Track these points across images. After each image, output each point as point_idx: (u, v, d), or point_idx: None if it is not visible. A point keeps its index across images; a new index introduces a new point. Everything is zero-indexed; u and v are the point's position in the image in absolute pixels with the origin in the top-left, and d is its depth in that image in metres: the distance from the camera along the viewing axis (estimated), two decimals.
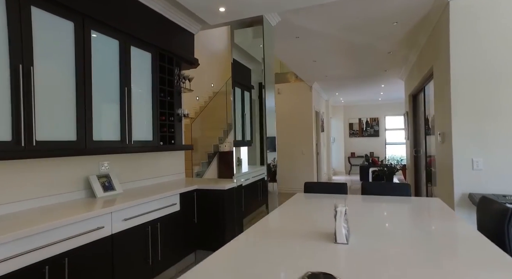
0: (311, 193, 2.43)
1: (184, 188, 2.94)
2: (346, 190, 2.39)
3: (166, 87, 3.14)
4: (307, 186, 2.49)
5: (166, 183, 3.31)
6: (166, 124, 3.14)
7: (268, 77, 3.81)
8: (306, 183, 2.50)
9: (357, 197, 2.26)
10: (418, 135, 6.20)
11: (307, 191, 2.47)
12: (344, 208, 1.19)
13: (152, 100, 2.94)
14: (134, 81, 2.70)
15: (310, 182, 2.51)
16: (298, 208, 2.00)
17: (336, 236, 1.20)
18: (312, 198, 2.26)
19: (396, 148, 11.72)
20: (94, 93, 2.30)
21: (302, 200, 2.21)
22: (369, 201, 2.10)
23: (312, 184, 2.49)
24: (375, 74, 6.81)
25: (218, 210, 3.10)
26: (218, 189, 3.10)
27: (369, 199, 2.17)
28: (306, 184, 2.50)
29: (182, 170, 3.85)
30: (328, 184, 2.48)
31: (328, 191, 2.41)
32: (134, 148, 2.66)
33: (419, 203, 2.05)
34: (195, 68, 3.84)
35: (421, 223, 1.55)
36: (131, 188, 2.93)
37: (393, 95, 9.98)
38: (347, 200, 2.17)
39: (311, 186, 2.48)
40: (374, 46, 4.73)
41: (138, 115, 2.75)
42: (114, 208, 2.12)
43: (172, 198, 2.80)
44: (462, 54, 2.91)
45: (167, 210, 2.71)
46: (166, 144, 3.13)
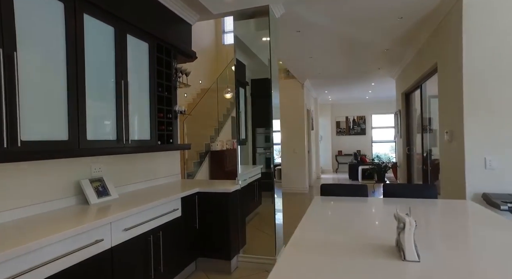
0: (329, 196, 2.26)
1: (185, 191, 2.69)
2: (366, 192, 2.23)
3: (163, 82, 2.87)
4: (324, 188, 2.31)
5: (163, 186, 3.04)
6: (164, 122, 2.87)
7: (274, 73, 3.61)
8: (323, 185, 2.33)
9: (386, 200, 2.11)
10: (411, 133, 6.21)
11: (324, 193, 2.30)
12: (412, 219, 1.02)
13: (149, 96, 2.66)
14: (131, 74, 2.42)
15: (327, 184, 2.33)
16: (331, 214, 1.81)
17: (404, 253, 1.02)
18: (338, 202, 2.08)
19: (381, 145, 11.86)
20: (88, 86, 2.01)
21: (328, 205, 2.03)
22: (405, 205, 1.95)
23: (329, 186, 2.32)
24: (368, 72, 6.76)
25: (222, 214, 2.87)
26: (222, 192, 2.87)
27: (400, 202, 2.02)
28: (323, 186, 2.32)
29: (178, 171, 3.58)
30: (346, 186, 2.32)
31: (347, 193, 2.25)
32: (131, 148, 2.38)
33: (457, 206, 1.92)
34: (192, 61, 3.58)
35: (485, 231, 1.40)
36: (126, 193, 2.65)
37: (381, 94, 10.04)
38: (380, 203, 2.01)
39: (328, 188, 2.31)
40: (373, 43, 4.64)
41: (135, 112, 2.47)
42: (114, 217, 1.86)
43: (174, 203, 2.54)
44: (475, 50, 2.82)
45: (169, 216, 2.46)
46: (164, 143, 2.86)
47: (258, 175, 5.56)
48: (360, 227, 1.55)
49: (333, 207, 1.97)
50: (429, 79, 4.59)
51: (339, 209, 1.94)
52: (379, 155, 11.50)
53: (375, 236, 1.33)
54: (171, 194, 2.58)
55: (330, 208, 1.96)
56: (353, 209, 1.92)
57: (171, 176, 3.41)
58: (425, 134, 5.02)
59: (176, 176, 3.52)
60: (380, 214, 1.81)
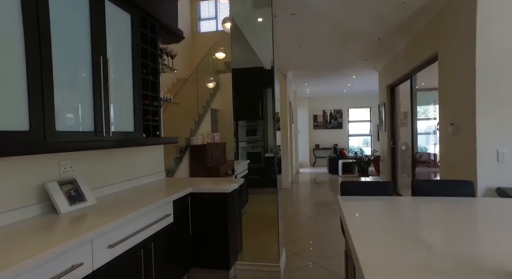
0: (352, 195, 1.97)
1: (177, 192, 2.27)
2: (391, 189, 1.96)
3: (148, 63, 2.40)
4: (344, 187, 2.02)
5: (148, 187, 2.59)
6: (149, 111, 2.41)
7: (276, 58, 3.26)
8: (343, 184, 2.03)
9: (425, 200, 1.85)
10: (395, 126, 6.16)
11: (346, 192, 2.00)
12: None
13: (133, 78, 2.19)
14: (111, 50, 1.94)
15: (347, 182, 2.04)
16: (385, 220, 1.50)
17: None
18: (374, 203, 1.79)
19: (358, 139, 11.97)
20: (55, 62, 1.52)
21: (369, 207, 1.73)
22: (459, 206, 1.70)
23: (350, 184, 2.03)
24: (353, 63, 6.61)
25: (220, 217, 2.49)
26: (219, 192, 2.48)
27: (445, 202, 1.76)
28: (343, 184, 2.03)
29: (162, 168, 3.13)
30: (368, 184, 2.04)
31: (371, 192, 1.97)
32: (112, 142, 1.92)
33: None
34: (178, 42, 3.12)
35: None
36: (106, 196, 2.17)
37: (359, 88, 10.05)
38: (426, 204, 1.75)
39: (350, 186, 2.01)
40: (367, 31, 4.42)
41: (116, 97, 2.00)
42: (96, 232, 1.42)
43: (166, 208, 2.12)
44: (491, 37, 2.66)
45: (161, 224, 2.04)
46: (149, 136, 2.41)
47: (245, 171, 5.21)
48: (438, 236, 1.25)
49: (378, 210, 1.67)
50: (423, 71, 4.48)
51: (388, 211, 1.64)
52: (353, 149, 11.61)
53: (475, 254, 1.03)
54: (160, 196, 2.16)
55: (375, 210, 1.66)
56: (405, 211, 1.64)
57: (156, 174, 2.95)
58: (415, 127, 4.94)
59: (161, 174, 3.07)
60: (449, 219, 1.53)
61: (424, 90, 5.01)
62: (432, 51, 3.68)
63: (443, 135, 3.48)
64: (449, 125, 3.22)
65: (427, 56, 3.86)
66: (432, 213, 1.60)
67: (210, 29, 8.68)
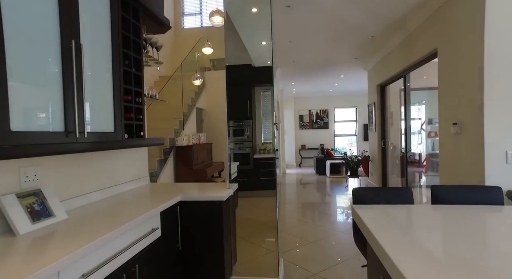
0: (367, 204, 1.74)
1: (164, 202, 1.97)
2: (409, 196, 1.75)
3: (131, 53, 2.08)
4: (357, 194, 1.79)
5: (131, 195, 2.27)
6: (132, 108, 2.09)
7: (274, 53, 3.01)
8: (356, 191, 1.80)
9: (459, 209, 1.64)
10: (386, 126, 6.07)
11: (358, 200, 1.77)
12: None
13: (113, 70, 1.87)
14: (85, 34, 1.62)
15: (360, 189, 1.81)
16: (429, 235, 1.27)
17: None
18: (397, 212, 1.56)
19: (344, 139, 11.94)
20: (8, 46, 1.20)
21: (400, 218, 1.49)
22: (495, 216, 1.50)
23: (363, 191, 1.80)
24: (343, 62, 6.47)
25: (214, 229, 2.20)
26: (213, 200, 2.19)
27: (477, 211, 1.56)
28: (357, 192, 1.80)
29: (146, 173, 2.81)
30: (383, 190, 1.82)
31: (387, 199, 1.75)
32: (88, 144, 1.60)
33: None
34: (164, 33, 2.80)
35: None
36: (79, 208, 1.84)
37: (346, 87, 9.99)
38: (457, 214, 1.54)
39: (363, 194, 1.79)
40: (362, 26, 4.26)
41: (93, 91, 1.68)
42: (64, 261, 1.11)
43: (153, 221, 1.82)
44: (500, 30, 2.52)
45: (147, 240, 1.73)
46: (132, 137, 2.09)
47: (235, 174, 4.93)
48: (493, 254, 1.03)
49: (408, 222, 1.45)
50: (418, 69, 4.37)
51: (420, 224, 1.42)
52: (339, 149, 11.57)
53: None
54: (145, 206, 1.85)
55: (405, 223, 1.43)
56: (439, 223, 1.42)
57: (139, 180, 2.62)
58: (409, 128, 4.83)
59: (144, 179, 2.74)
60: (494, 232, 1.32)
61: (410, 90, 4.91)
62: (431, 47, 3.55)
63: (443, 136, 3.34)
64: (451, 125, 3.08)
65: (425, 53, 3.73)
66: (467, 224, 1.39)
67: (194, 25, 8.33)
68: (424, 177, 7.16)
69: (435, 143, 7.94)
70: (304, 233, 3.87)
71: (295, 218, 4.64)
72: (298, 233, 3.91)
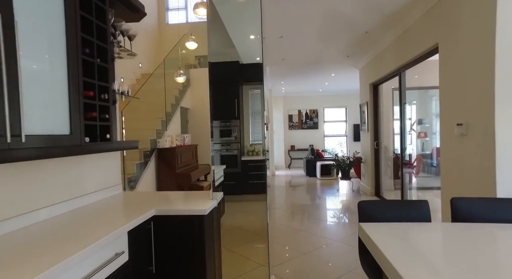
0: (375, 219, 1.45)
1: (134, 218, 1.64)
2: (427, 211, 1.48)
3: (94, 40, 1.74)
4: (364, 208, 1.50)
5: (95, 208, 1.92)
6: (95, 106, 1.75)
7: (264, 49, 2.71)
8: (363, 205, 1.52)
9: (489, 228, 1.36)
10: (379, 127, 5.87)
11: (366, 216, 1.49)
12: None
13: (67, 58, 1.53)
14: (22, 9, 1.27)
15: (367, 202, 1.53)
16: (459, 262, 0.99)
17: None
18: (421, 232, 1.28)
19: (334, 140, 11.77)
20: None
21: (421, 241, 1.21)
22: None
23: (371, 205, 1.52)
24: (334, 60, 6.24)
25: (195, 248, 1.88)
26: (193, 215, 1.87)
27: None
28: (363, 205, 1.51)
29: (118, 180, 2.46)
30: (396, 203, 1.55)
31: (400, 214, 1.47)
32: (27, 151, 1.26)
33: None
34: (138, 21, 2.47)
35: None
36: (20, 230, 1.49)
37: (337, 87, 9.80)
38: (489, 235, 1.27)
39: (370, 208, 1.50)
40: (355, 21, 4.01)
41: (34, 84, 1.34)
42: None
43: (117, 243, 1.49)
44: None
45: (110, 268, 1.40)
46: (96, 141, 1.75)
47: (221, 178, 4.61)
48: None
49: (431, 245, 1.17)
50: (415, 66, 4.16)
51: (447, 248, 1.14)
52: (329, 150, 11.39)
53: None
54: (108, 223, 1.53)
55: (428, 247, 1.15)
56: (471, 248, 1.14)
57: (108, 189, 2.27)
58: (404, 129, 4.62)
59: (116, 188, 2.39)
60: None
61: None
62: (431, 43, 3.32)
63: (445, 138, 3.12)
64: (455, 126, 2.85)
65: (424, 49, 3.51)
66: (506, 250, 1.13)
67: (179, 21, 7.95)
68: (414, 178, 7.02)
69: (424, 144, 7.85)
70: (296, 243, 3.59)
71: (286, 225, 4.35)
72: (290, 242, 3.63)
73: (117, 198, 2.26)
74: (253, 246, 3.53)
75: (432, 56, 3.48)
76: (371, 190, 5.99)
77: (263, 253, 3.16)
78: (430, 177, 7.89)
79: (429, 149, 8.02)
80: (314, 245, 3.48)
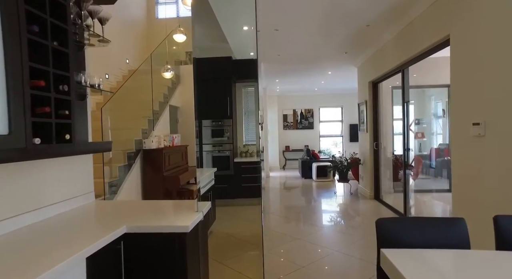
0: (399, 243, 1.15)
1: (97, 239, 1.31)
2: (465, 232, 1.18)
3: (47, 17, 1.40)
4: (384, 227, 1.20)
5: (55, 223, 1.58)
6: (49, 100, 1.41)
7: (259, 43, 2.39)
8: (381, 223, 1.21)
9: None
10: (379, 127, 5.60)
11: (386, 239, 1.18)
12: None
13: (3, 36, 1.18)
14: None
15: (387, 221, 1.22)
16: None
17: None
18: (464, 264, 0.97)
19: (329, 140, 11.51)
20: None
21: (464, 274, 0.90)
22: None
23: (393, 224, 1.22)
24: (331, 57, 5.95)
25: (174, 271, 1.55)
26: (173, 232, 1.54)
27: None
28: (382, 225, 1.21)
29: (89, 188, 2.11)
30: (423, 221, 1.24)
31: (431, 236, 1.17)
32: None
33: None
34: (112, 3, 2.13)
35: None
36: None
37: (333, 85, 9.54)
38: None
39: (392, 229, 1.20)
40: (357, 13, 3.72)
41: None
42: None
43: (71, 274, 1.15)
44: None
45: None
46: (50, 142, 1.41)
47: (212, 182, 4.27)
48: None
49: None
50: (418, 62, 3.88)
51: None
52: (324, 150, 11.13)
53: None
54: (64, 249, 1.19)
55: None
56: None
57: (76, 199, 1.93)
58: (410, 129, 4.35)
59: (86, 197, 2.05)
60: None
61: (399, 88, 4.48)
62: (441, 35, 3.04)
63: (457, 139, 2.84)
64: (470, 126, 2.57)
65: (432, 42, 3.22)
66: None
67: (169, 15, 7.58)
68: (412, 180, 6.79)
69: (422, 144, 7.63)
70: (293, 253, 3.28)
71: (281, 232, 4.04)
72: (286, 252, 3.31)
73: (86, 209, 1.91)
74: (247, 256, 3.21)
75: (441, 49, 3.20)
76: (370, 193, 5.72)
77: (257, 266, 2.85)
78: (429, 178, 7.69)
79: (426, 149, 7.81)
80: (313, 256, 3.17)
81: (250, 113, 6.27)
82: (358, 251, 3.29)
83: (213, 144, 5.75)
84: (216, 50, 5.39)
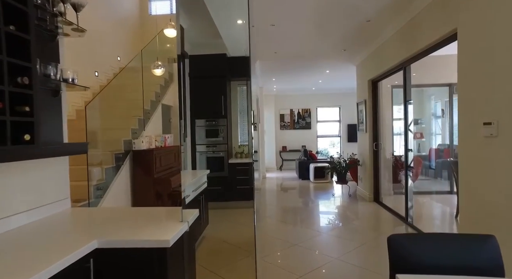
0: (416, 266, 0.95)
1: (61, 256, 1.10)
2: (497, 253, 0.98)
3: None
4: (397, 246, 1.00)
5: (14, 237, 1.37)
6: (3, 94, 1.20)
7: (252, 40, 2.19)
8: (395, 240, 1.01)
9: None
10: (379, 127, 5.42)
11: (400, 258, 0.99)
12: None
13: None
14: None
15: (401, 237, 1.03)
16: None
17: None
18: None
19: (327, 140, 11.34)
20: None
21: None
22: None
23: (408, 240, 1.02)
24: (329, 55, 5.77)
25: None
26: (151, 247, 1.34)
27: None
28: (395, 242, 1.01)
29: (64, 195, 1.90)
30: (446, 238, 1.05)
31: (456, 256, 0.98)
32: None
33: None
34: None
35: None
36: None
37: (331, 85, 9.37)
38: None
39: (408, 247, 1.00)
40: (357, 8, 3.53)
41: None
42: None
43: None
44: None
45: None
46: (5, 144, 1.20)
47: (204, 185, 4.06)
48: None
49: None
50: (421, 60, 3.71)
51: None
52: (322, 151, 10.96)
53: None
54: (22, 269, 0.98)
55: None
56: None
57: (45, 207, 1.72)
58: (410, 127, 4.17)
59: (61, 204, 1.83)
60: None
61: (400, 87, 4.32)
62: (447, 29, 2.86)
63: (465, 139, 2.66)
64: (481, 126, 2.39)
65: (437, 37, 3.04)
66: None
67: (163, 12, 7.37)
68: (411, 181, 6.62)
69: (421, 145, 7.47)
70: (290, 261, 3.08)
71: (277, 237, 3.84)
72: (283, 260, 3.12)
73: (56, 219, 1.70)
74: (240, 265, 3.01)
75: (447, 45, 3.03)
76: (370, 195, 5.54)
77: (251, 275, 2.65)
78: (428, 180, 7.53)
79: (425, 150, 7.66)
80: (312, 264, 2.98)
81: (245, 112, 6.07)
82: (358, 259, 3.10)
83: (207, 144, 5.54)
84: (210, 47, 5.18)
